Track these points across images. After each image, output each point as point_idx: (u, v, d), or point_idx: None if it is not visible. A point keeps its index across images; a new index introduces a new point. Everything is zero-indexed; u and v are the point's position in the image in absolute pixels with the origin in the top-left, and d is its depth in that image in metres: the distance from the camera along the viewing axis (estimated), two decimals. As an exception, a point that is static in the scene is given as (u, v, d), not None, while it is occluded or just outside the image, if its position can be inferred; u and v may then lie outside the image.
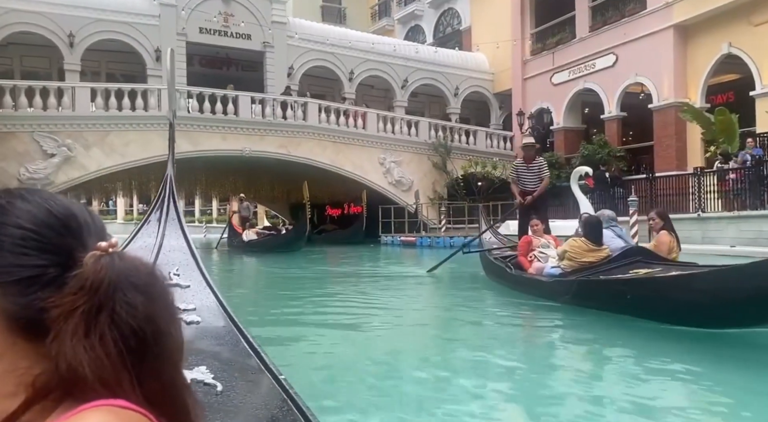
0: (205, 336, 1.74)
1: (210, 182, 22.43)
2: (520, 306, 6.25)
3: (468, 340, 4.99)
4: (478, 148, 22.73)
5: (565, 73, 21.64)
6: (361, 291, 7.95)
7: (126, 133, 17.36)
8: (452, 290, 8.16)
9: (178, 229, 2.50)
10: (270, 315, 5.92)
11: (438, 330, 5.59)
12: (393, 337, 5.19)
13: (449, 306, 6.73)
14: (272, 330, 4.99)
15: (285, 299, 7.14)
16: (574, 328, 5.25)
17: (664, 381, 3.56)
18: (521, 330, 5.58)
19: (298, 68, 22.04)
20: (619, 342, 4.62)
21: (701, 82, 16.93)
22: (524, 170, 7.57)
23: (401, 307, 6.81)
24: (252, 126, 18.95)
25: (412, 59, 23.99)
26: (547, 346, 4.82)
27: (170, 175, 2.96)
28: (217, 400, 1.33)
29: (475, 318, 6.05)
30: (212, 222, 37.72)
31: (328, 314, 6.15)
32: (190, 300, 1.92)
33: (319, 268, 11.85)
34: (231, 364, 1.56)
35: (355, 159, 20.54)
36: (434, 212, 21.52)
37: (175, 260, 2.22)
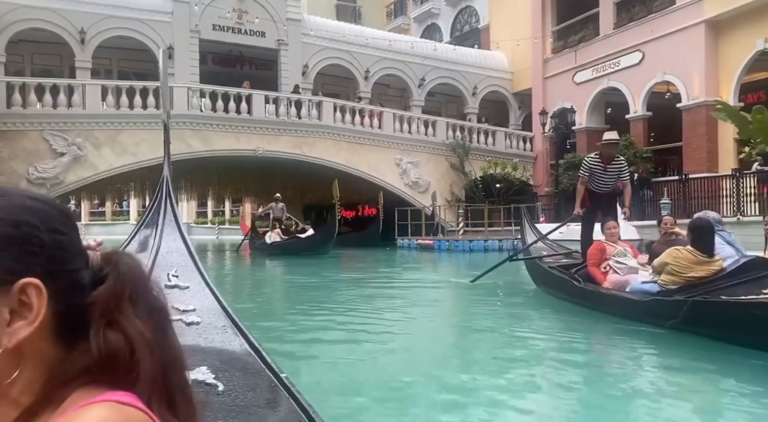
0: (205, 337, 1.71)
1: (222, 182, 21.98)
2: (598, 328, 5.22)
3: (537, 371, 3.94)
4: (497, 149, 22.11)
5: (588, 72, 20.95)
6: (399, 307, 6.96)
7: (138, 132, 16.94)
8: (502, 304, 7.04)
9: (175, 231, 2.47)
10: (289, 331, 5.31)
11: (489, 352, 4.58)
12: (432, 358, 4.41)
13: (503, 324, 5.65)
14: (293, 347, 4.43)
15: (306, 313, 6.41)
16: (684, 361, 4.10)
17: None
18: (609, 363, 4.29)
19: (313, 66, 21.54)
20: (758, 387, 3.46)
21: (734, 80, 16.18)
22: (601, 171, 6.15)
23: (446, 324, 5.97)
24: (266, 125, 18.48)
25: (430, 58, 23.41)
26: (653, 386, 3.59)
27: (166, 177, 2.82)
28: (219, 400, 1.32)
29: (541, 341, 4.88)
30: (225, 224, 37.35)
31: (356, 327, 5.50)
32: (190, 301, 1.92)
33: (344, 275, 11.00)
34: (232, 364, 1.54)
35: (370, 160, 19.99)
36: (452, 214, 20.90)
37: (174, 262, 2.22)
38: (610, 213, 6.31)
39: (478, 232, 19.50)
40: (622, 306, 5.11)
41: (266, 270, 13.20)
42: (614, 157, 6.18)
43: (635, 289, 5.07)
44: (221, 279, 9.83)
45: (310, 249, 14.80)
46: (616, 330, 5.03)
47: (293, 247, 15.20)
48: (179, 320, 1.77)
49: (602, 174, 6.15)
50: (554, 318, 5.95)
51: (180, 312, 1.82)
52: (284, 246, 15.58)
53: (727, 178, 13.03)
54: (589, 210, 6.49)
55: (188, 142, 17.37)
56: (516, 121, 25.14)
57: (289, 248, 15.29)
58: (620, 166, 6.24)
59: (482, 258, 15.41)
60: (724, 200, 12.85)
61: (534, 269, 7.06)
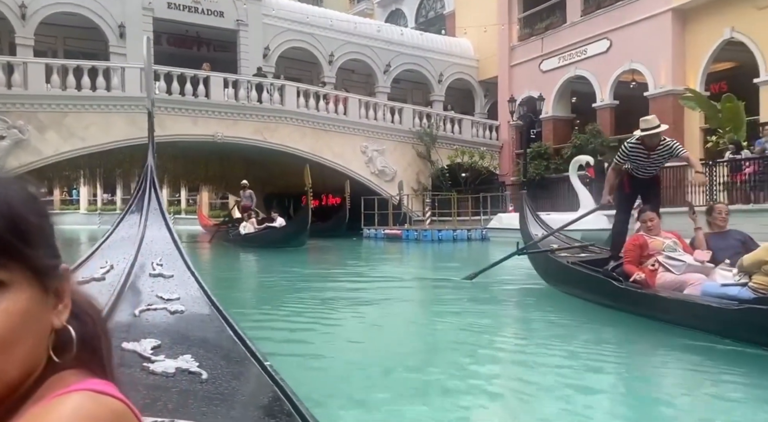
0: (189, 325, 1.70)
1: (179, 170, 20.92)
2: (659, 342, 4.15)
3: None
4: (464, 137, 21.75)
5: (554, 60, 20.76)
6: (394, 310, 5.82)
7: (86, 115, 15.84)
8: (513, 307, 5.90)
9: (160, 219, 2.45)
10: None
11: (513, 382, 3.27)
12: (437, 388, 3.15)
13: (526, 340, 4.40)
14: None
15: (278, 311, 5.45)
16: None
17: None
18: (696, 398, 3.03)
19: (275, 49, 20.68)
20: None
21: (701, 69, 16.19)
22: (643, 158, 5.08)
23: (448, 336, 4.55)
24: (225, 109, 17.58)
25: (396, 43, 22.82)
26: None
27: (151, 165, 2.82)
28: (202, 388, 1.30)
29: (584, 364, 3.53)
30: (180, 213, 36.04)
31: (330, 330, 4.64)
32: (174, 290, 1.91)
33: (319, 271, 9.73)
34: (216, 352, 1.51)
35: (335, 147, 19.34)
36: (418, 204, 20.48)
37: (158, 250, 2.21)
38: (651, 200, 5.28)
39: (446, 222, 19.14)
40: (694, 314, 4.01)
41: (236, 264, 12.19)
42: (659, 141, 5.06)
43: (712, 293, 4.00)
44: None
45: (284, 241, 13.75)
46: (690, 348, 3.83)
47: (268, 239, 14.14)
48: (164, 309, 1.75)
49: (645, 160, 5.11)
50: (591, 327, 4.69)
51: (164, 301, 1.80)
52: (258, 237, 14.50)
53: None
54: (627, 196, 5.46)
55: (142, 126, 16.23)
56: (482, 109, 24.85)
57: (263, 240, 14.22)
58: (668, 148, 5.02)
59: (451, 248, 15.05)
60: (696, 189, 12.75)
61: (546, 264, 6.03)
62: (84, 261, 2.17)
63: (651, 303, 4.38)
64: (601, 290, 4.93)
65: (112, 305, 1.73)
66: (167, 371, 1.37)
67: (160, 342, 1.52)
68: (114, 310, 1.72)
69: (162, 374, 1.36)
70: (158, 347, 1.49)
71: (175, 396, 1.28)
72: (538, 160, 19.71)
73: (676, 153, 5.00)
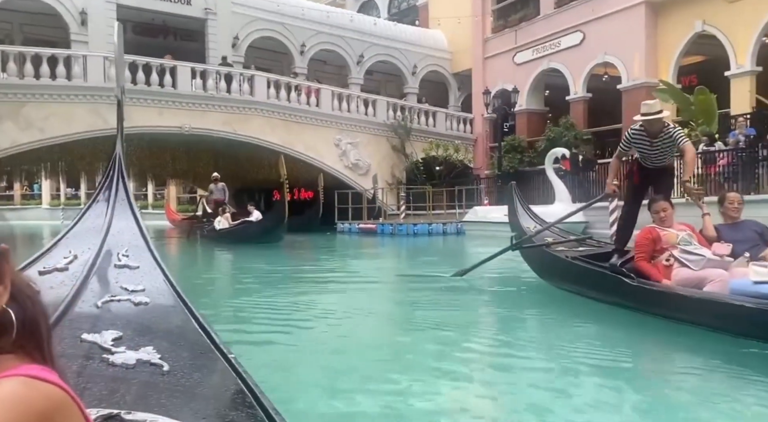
0: (153, 317, 1.69)
1: (145, 163, 20.20)
2: (686, 347, 3.72)
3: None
4: (438, 130, 21.56)
5: (528, 52, 20.68)
6: (382, 311, 5.28)
7: (45, 105, 15.14)
8: (509, 306, 5.37)
9: (127, 210, 2.42)
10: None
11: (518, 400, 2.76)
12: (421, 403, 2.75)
13: (525, 343, 3.92)
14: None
15: (249, 313, 4.97)
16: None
17: None
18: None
19: (244, 39, 20.13)
20: None
21: (673, 61, 16.26)
22: (647, 146, 4.76)
23: (437, 340, 3.90)
24: (192, 100, 17.03)
25: (369, 33, 22.46)
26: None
27: (119, 154, 2.79)
28: (163, 380, 1.30)
29: (599, 372, 3.13)
30: (148, 208, 35.13)
31: (303, 332, 4.20)
32: (139, 281, 1.89)
33: (293, 267, 9.13)
34: (179, 344, 1.51)
35: (307, 139, 18.93)
36: (393, 197, 20.23)
37: (125, 241, 2.19)
38: (662, 190, 4.87)
39: (421, 216, 18.94)
40: (721, 315, 3.60)
41: (207, 260, 11.66)
42: (663, 128, 4.71)
43: (743, 291, 3.56)
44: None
45: (261, 236, 13.10)
46: (718, 352, 3.44)
47: (244, 234, 13.44)
48: (128, 300, 1.72)
49: (649, 148, 4.76)
50: (598, 328, 4.29)
51: (128, 292, 1.77)
52: (234, 233, 13.76)
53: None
54: (636, 187, 5.05)
55: (105, 117, 15.67)
56: (455, 102, 24.68)
57: (239, 235, 13.52)
58: (671, 135, 4.66)
59: (427, 242, 14.84)
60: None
61: (541, 259, 5.56)
62: (47, 251, 2.13)
63: (668, 301, 3.95)
64: (607, 287, 4.53)
65: (74, 295, 1.70)
66: (127, 363, 1.34)
67: (121, 334, 1.50)
68: (75, 301, 1.69)
69: (122, 366, 1.33)
70: (119, 338, 1.47)
71: (135, 388, 1.26)
72: (512, 153, 19.61)
73: (677, 142, 4.64)
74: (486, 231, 15.34)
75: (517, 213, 6.21)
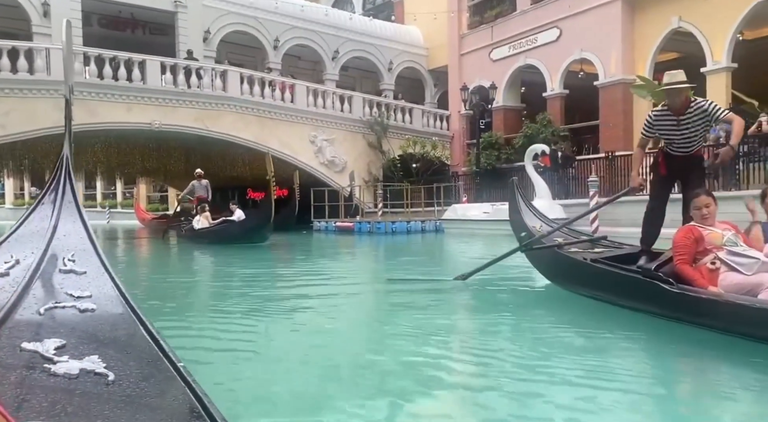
0: (100, 324, 1.63)
1: (113, 161, 19.51)
2: (738, 360, 3.17)
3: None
4: (414, 127, 21.31)
5: (505, 49, 20.56)
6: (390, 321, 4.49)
7: (5, 100, 14.47)
8: (522, 313, 4.65)
9: (74, 213, 2.32)
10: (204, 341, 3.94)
11: None
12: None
13: (542, 354, 3.32)
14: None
15: (225, 322, 4.37)
16: None
17: None
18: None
19: (216, 33, 19.59)
20: None
21: (650, 58, 16.28)
22: (673, 126, 4.15)
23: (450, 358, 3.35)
24: (162, 96, 16.46)
25: (344, 29, 22.11)
26: None
27: (66, 155, 2.58)
28: (107, 390, 1.27)
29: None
30: (116, 207, 34.19)
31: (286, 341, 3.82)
32: (86, 287, 1.83)
33: (269, 269, 8.52)
34: (127, 352, 1.46)
35: (282, 136, 18.50)
36: (370, 195, 19.92)
37: (71, 245, 2.10)
38: (692, 182, 4.27)
39: (398, 213, 18.68)
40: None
41: (176, 262, 10.96)
42: (688, 103, 4.09)
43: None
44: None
45: (245, 236, 12.18)
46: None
47: (226, 235, 12.46)
48: (73, 307, 1.67)
49: (675, 130, 4.14)
50: (632, 339, 3.70)
51: (74, 299, 1.72)
52: (215, 233, 12.79)
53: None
54: (663, 179, 4.48)
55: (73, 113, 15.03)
56: (432, 99, 24.49)
57: (220, 235, 12.56)
58: (701, 111, 4.06)
59: (406, 240, 14.57)
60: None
61: (553, 262, 5.03)
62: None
63: (719, 311, 3.41)
64: (639, 293, 3.97)
65: (14, 302, 1.64)
66: (70, 373, 1.30)
67: (65, 342, 1.45)
68: (16, 307, 1.62)
69: (64, 376, 1.29)
70: (62, 347, 1.42)
71: (77, 399, 1.21)
72: (489, 149, 19.47)
73: (714, 115, 4.07)
74: (465, 229, 15.16)
75: (521, 212, 5.65)
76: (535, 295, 5.45)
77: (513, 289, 5.77)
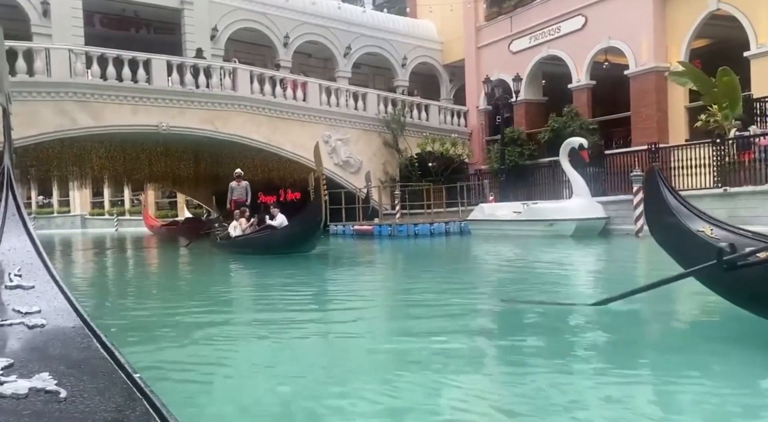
0: (50, 340, 1.58)
1: (119, 167, 18.70)
2: None
3: None
4: (431, 125, 20.41)
5: (525, 40, 19.64)
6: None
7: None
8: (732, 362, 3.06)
9: (20, 226, 2.22)
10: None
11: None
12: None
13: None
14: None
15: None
16: None
17: None
18: None
19: (223, 30, 18.77)
20: None
21: (684, 44, 15.30)
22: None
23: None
24: (169, 96, 15.64)
25: (356, 24, 21.24)
26: None
27: (7, 166, 2.48)
28: (59, 408, 1.22)
29: None
30: (125, 215, 33.48)
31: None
32: (35, 302, 1.78)
33: (292, 280, 7.17)
34: (80, 368, 1.41)
35: (295, 137, 17.64)
36: (386, 196, 19.03)
37: (17, 260, 2.02)
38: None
39: (417, 215, 17.76)
40: None
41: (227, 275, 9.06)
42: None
43: None
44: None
45: (290, 244, 10.29)
46: None
47: (267, 243, 10.65)
48: (21, 323, 1.62)
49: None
50: None
51: (22, 315, 1.66)
52: (255, 241, 11.02)
53: (703, 146, 11.93)
54: None
55: (73, 116, 14.27)
56: (447, 95, 23.59)
57: (261, 244, 10.75)
58: None
59: (433, 243, 13.63)
60: (701, 170, 11.74)
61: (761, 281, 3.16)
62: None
63: None
64: None
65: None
66: (18, 393, 1.22)
67: (12, 361, 1.37)
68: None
69: (12, 396, 1.21)
70: (10, 366, 1.35)
71: (26, 419, 1.14)
72: (511, 146, 18.53)
73: None
74: (494, 230, 14.23)
75: (673, 211, 3.98)
76: (737, 332, 3.60)
77: (694, 323, 4.08)
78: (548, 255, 9.38)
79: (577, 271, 7.72)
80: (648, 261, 7.96)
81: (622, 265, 8.16)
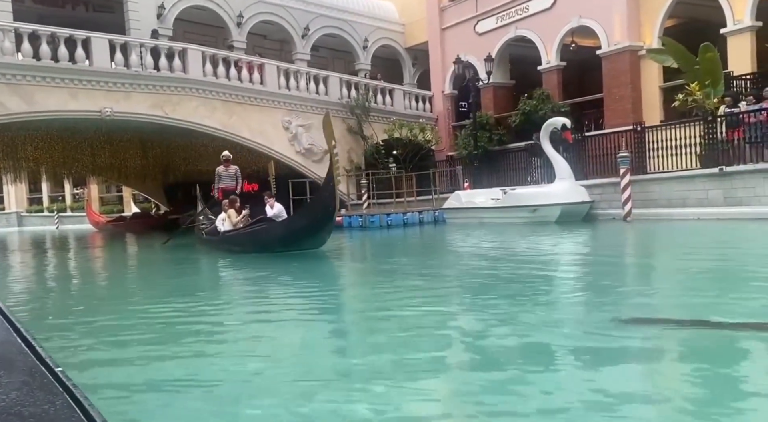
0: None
1: (58, 158, 17.01)
2: None
3: None
4: (396, 110, 19.49)
5: (491, 20, 18.95)
6: None
7: None
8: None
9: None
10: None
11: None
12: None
13: None
14: None
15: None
16: None
17: None
18: None
19: (171, 8, 17.32)
20: None
21: (658, 22, 14.89)
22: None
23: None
24: (113, 79, 14.17)
25: (314, 3, 20.08)
26: None
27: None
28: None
29: None
30: (66, 211, 31.31)
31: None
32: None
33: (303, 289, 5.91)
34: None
35: (252, 123, 16.42)
36: (353, 186, 18.05)
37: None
38: None
39: (385, 205, 16.86)
40: None
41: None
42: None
43: None
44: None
45: (294, 240, 8.60)
46: None
47: (265, 239, 8.93)
48: None
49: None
50: None
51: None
52: (250, 237, 9.24)
53: (692, 125, 11.44)
54: None
55: (1, 99, 12.67)
56: (411, 79, 22.74)
57: (258, 240, 9.06)
58: None
59: (412, 234, 12.74)
60: (689, 149, 11.27)
61: None
62: None
63: None
64: None
65: None
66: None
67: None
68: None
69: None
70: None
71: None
72: (479, 131, 17.85)
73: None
74: (471, 218, 13.50)
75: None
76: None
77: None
78: (546, 244, 8.62)
79: (614, 264, 6.46)
80: (665, 248, 7.24)
81: (652, 253, 7.24)
